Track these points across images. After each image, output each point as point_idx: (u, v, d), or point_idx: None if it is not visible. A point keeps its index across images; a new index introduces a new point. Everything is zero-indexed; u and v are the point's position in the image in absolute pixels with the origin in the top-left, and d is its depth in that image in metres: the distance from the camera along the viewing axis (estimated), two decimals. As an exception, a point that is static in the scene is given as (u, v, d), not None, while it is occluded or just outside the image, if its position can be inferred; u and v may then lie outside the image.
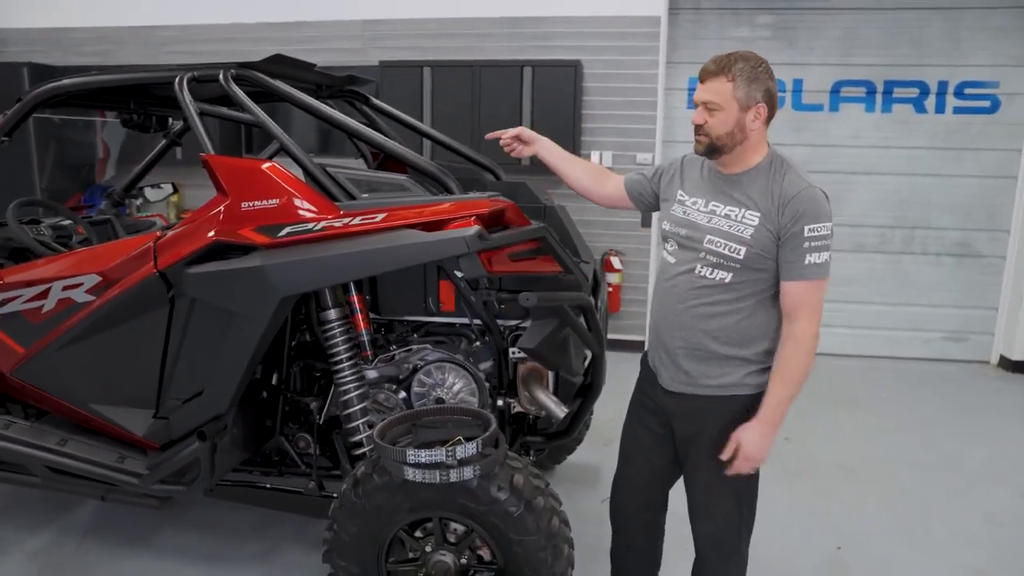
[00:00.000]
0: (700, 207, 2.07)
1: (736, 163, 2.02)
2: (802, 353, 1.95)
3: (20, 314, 2.72)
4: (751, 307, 2.02)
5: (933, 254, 6.04)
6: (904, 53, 5.77)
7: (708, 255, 2.02)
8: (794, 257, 1.93)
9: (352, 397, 2.60)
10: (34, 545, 3.19)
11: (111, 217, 3.70)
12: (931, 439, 4.45)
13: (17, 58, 6.57)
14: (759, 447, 1.99)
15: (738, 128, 1.95)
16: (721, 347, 2.04)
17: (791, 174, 1.97)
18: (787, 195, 1.93)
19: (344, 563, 2.34)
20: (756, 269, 1.98)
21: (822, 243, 1.92)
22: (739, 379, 2.06)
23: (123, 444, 2.78)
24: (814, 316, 1.95)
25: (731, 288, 2.01)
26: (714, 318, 2.03)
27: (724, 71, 1.93)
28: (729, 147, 1.98)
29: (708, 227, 2.02)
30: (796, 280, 1.94)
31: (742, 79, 1.92)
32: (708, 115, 1.96)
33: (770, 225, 1.94)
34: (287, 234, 2.35)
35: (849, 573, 3.05)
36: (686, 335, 2.07)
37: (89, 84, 2.79)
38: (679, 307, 2.08)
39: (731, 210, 2.00)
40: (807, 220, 1.90)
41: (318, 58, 3.28)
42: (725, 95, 1.93)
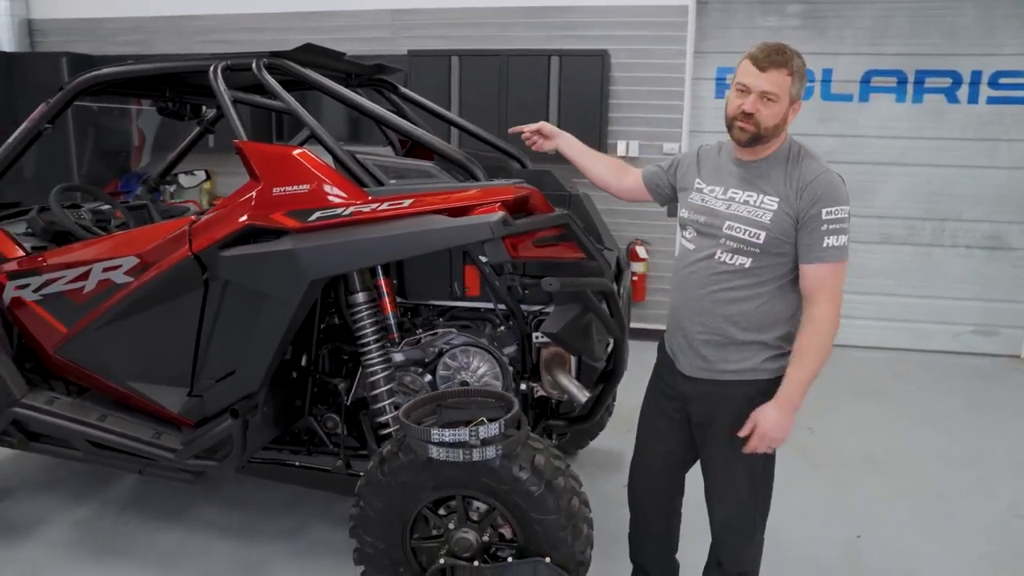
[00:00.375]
0: (718, 194, 2.10)
1: (763, 151, 2.06)
2: (821, 336, 1.97)
3: (63, 295, 2.83)
4: (771, 292, 2.05)
5: (963, 246, 5.96)
6: (936, 42, 5.69)
7: (728, 240, 2.05)
8: (812, 240, 1.95)
9: (379, 379, 2.67)
10: (77, 516, 3.32)
11: (147, 202, 3.82)
12: (956, 432, 4.42)
13: (56, 48, 6.74)
14: (776, 426, 2.01)
15: (783, 121, 2.00)
16: (740, 332, 2.07)
17: (809, 159, 2.01)
18: (805, 179, 1.96)
19: (370, 539, 2.41)
20: (775, 254, 2.01)
21: (840, 226, 1.94)
22: (757, 364, 2.09)
23: (159, 421, 2.88)
24: (833, 299, 1.97)
25: (751, 273, 2.03)
26: (734, 303, 2.06)
27: (787, 64, 1.95)
28: (770, 138, 2.02)
29: (727, 213, 2.05)
30: (815, 263, 1.97)
31: (798, 75, 1.97)
32: (762, 104, 1.96)
33: (789, 209, 1.97)
34: (317, 218, 2.42)
35: (867, 562, 3.06)
36: (706, 320, 2.10)
37: (129, 73, 2.88)
38: (699, 293, 2.11)
39: (750, 196, 2.03)
40: (825, 203, 1.93)
41: (347, 47, 3.34)
42: (784, 87, 1.96)
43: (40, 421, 2.92)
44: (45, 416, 2.92)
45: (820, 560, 3.06)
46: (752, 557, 2.28)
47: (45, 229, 3.06)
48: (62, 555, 3.03)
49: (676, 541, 2.53)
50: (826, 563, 3.04)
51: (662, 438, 2.33)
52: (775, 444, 2.06)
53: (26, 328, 2.97)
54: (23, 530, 3.20)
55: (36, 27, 6.89)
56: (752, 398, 2.08)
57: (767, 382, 2.09)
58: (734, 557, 2.27)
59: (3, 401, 2.95)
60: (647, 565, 2.52)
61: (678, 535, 2.53)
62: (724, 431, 2.14)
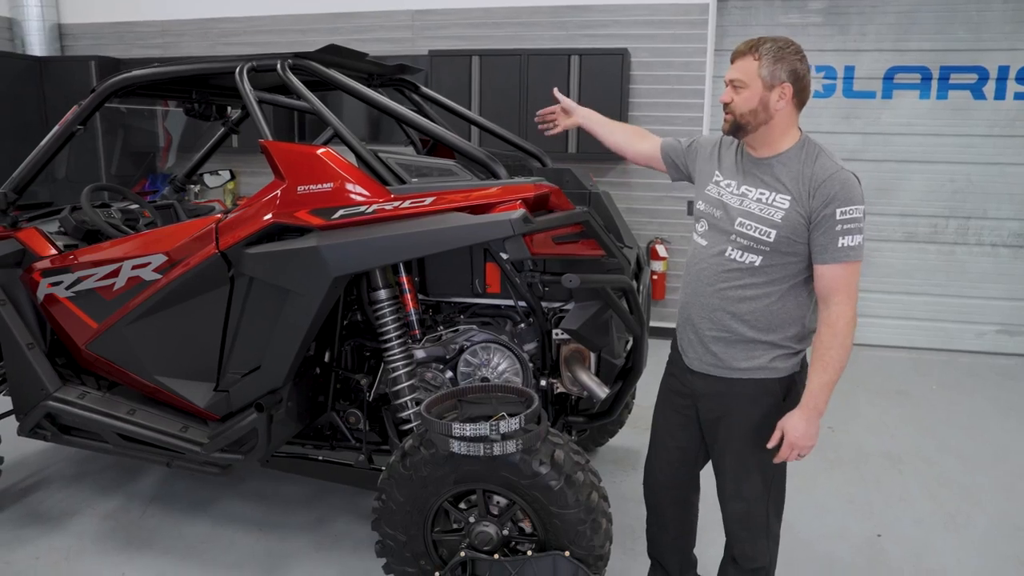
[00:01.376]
0: (732, 190, 2.09)
1: (766, 147, 2.05)
2: (839, 337, 1.96)
3: (94, 291, 2.90)
4: (781, 292, 2.04)
5: (989, 244, 5.89)
6: (961, 38, 5.62)
7: (739, 238, 2.04)
8: (827, 240, 1.94)
9: (401, 375, 2.71)
10: (105, 508, 3.40)
11: (174, 202, 3.89)
12: (979, 432, 4.38)
13: (85, 52, 6.88)
14: (805, 434, 2.01)
15: (762, 107, 1.97)
16: (750, 331, 2.06)
17: (822, 158, 1.99)
18: (818, 178, 1.95)
19: (392, 531, 2.45)
20: (786, 253, 2.00)
21: (854, 226, 1.92)
22: (766, 363, 2.08)
23: (186, 415, 2.95)
24: (850, 299, 1.96)
25: (761, 271, 2.03)
26: (744, 301, 2.05)
27: (752, 51, 1.97)
28: (753, 126, 2.01)
29: (739, 209, 2.05)
30: (829, 264, 1.95)
31: (768, 58, 1.95)
32: (734, 93, 2.01)
33: (801, 209, 1.96)
34: (340, 216, 2.46)
35: (888, 559, 3.05)
36: (715, 317, 2.10)
37: (157, 75, 2.94)
38: (708, 289, 2.11)
39: (762, 193, 2.02)
40: (839, 203, 1.92)
41: (368, 48, 3.40)
42: (750, 73, 1.97)
43: (72, 414, 3.00)
44: (77, 410, 2.99)
45: (840, 558, 3.05)
46: (766, 553, 2.28)
47: (77, 228, 3.14)
48: (91, 545, 3.11)
49: (693, 536, 2.54)
50: (847, 561, 3.04)
51: (674, 434, 2.34)
52: (804, 452, 2.05)
53: (59, 324, 3.04)
54: (55, 520, 3.29)
55: (66, 31, 7.03)
56: (761, 397, 2.09)
57: (776, 381, 2.09)
58: (748, 553, 2.27)
59: (37, 395, 3.03)
60: (664, 560, 2.53)
61: (695, 530, 2.54)
62: (734, 428, 2.14)
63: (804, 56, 1.99)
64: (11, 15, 6.77)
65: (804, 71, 1.98)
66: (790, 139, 2.03)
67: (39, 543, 3.12)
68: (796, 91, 1.98)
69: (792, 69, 1.96)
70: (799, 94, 1.99)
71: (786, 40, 1.98)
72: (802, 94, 2.00)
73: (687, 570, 2.57)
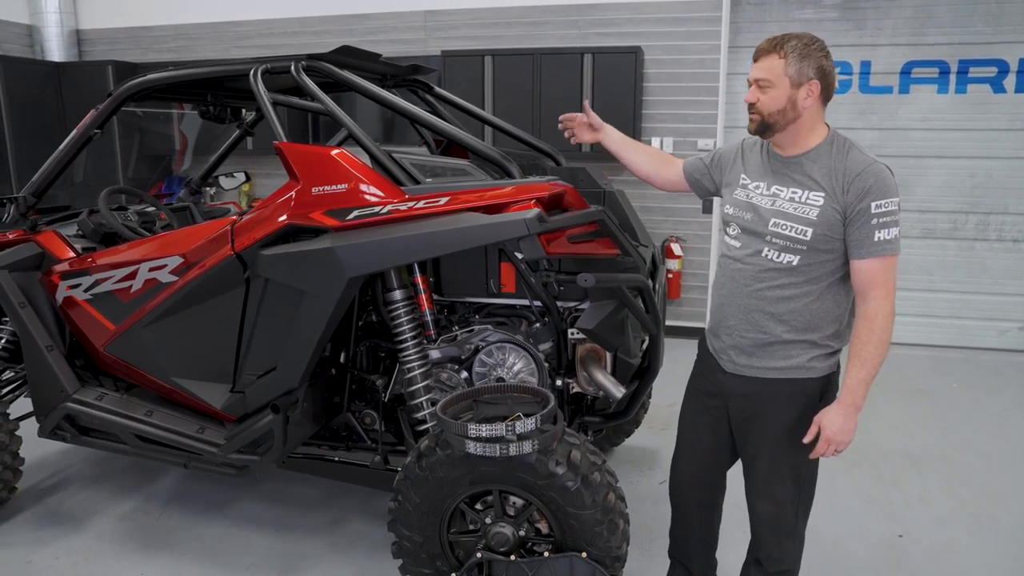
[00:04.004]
0: (763, 191, 2.07)
1: (794, 144, 2.02)
2: (877, 332, 1.93)
3: (112, 294, 2.93)
4: (820, 290, 2.01)
5: (1010, 240, 5.81)
6: (980, 31, 5.55)
7: (775, 238, 2.01)
8: (863, 235, 1.91)
9: (416, 375, 2.71)
10: (124, 508, 3.43)
11: (189, 204, 3.92)
12: (1002, 430, 4.32)
13: (103, 57, 6.95)
14: (842, 429, 1.98)
15: (790, 105, 1.95)
16: (788, 332, 2.03)
17: (854, 152, 1.96)
18: (851, 172, 1.92)
19: (408, 532, 2.45)
20: (823, 251, 1.97)
21: (890, 219, 1.90)
22: (804, 362, 2.05)
23: (203, 416, 2.96)
24: (888, 294, 1.93)
25: (799, 271, 2.00)
26: (782, 301, 2.02)
27: (776, 49, 1.94)
28: (781, 125, 1.98)
29: (772, 210, 2.02)
30: (867, 258, 1.92)
31: (794, 56, 1.92)
32: (760, 93, 1.98)
33: (836, 204, 1.93)
34: (355, 217, 2.46)
35: (909, 559, 3.01)
36: (753, 319, 2.07)
37: (173, 78, 2.96)
38: (746, 291, 2.08)
39: (795, 192, 2.00)
40: (874, 196, 1.89)
41: (381, 49, 3.40)
42: (777, 72, 1.94)
43: (91, 416, 3.02)
44: (95, 411, 3.02)
45: (861, 558, 3.02)
46: (792, 555, 2.25)
47: (94, 231, 3.17)
48: (110, 546, 3.13)
49: (716, 538, 2.51)
50: (868, 562, 3.00)
51: (702, 435, 2.31)
52: (841, 448, 2.01)
53: (77, 326, 3.07)
54: (75, 521, 3.32)
55: (84, 37, 7.10)
56: (797, 397, 2.05)
57: (814, 381, 2.06)
58: (775, 555, 2.23)
59: (57, 397, 3.06)
60: (687, 561, 2.50)
61: (718, 532, 2.51)
62: (768, 429, 2.11)
63: (829, 52, 1.97)
64: (31, 22, 6.85)
65: (830, 67, 1.96)
66: (818, 135, 2.01)
67: (59, 543, 3.14)
68: (823, 87, 1.95)
69: (819, 66, 1.94)
70: (825, 90, 1.97)
71: (811, 36, 1.96)
72: (828, 90, 1.98)
73: (709, 572, 2.54)
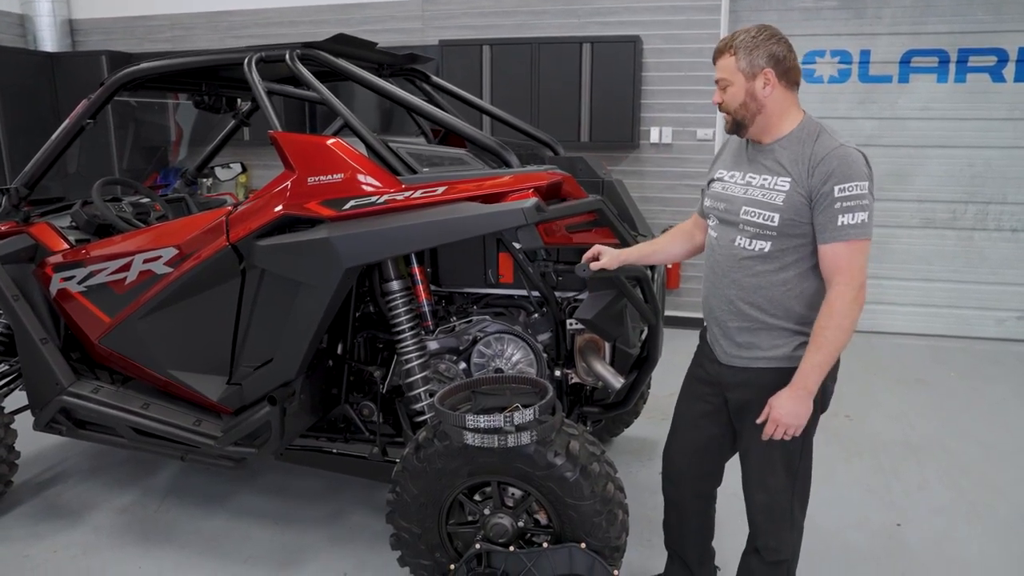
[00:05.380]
0: (737, 180, 2.09)
1: (767, 133, 2.03)
2: (835, 318, 1.90)
3: (106, 285, 2.90)
4: (795, 277, 2.01)
5: (1008, 230, 5.80)
6: (980, 20, 5.52)
7: (746, 226, 2.02)
8: (826, 219, 1.90)
9: (414, 366, 2.69)
10: (122, 502, 3.42)
11: (185, 195, 3.89)
12: (1000, 420, 4.32)
13: (96, 47, 6.89)
14: (790, 413, 1.97)
15: (750, 98, 1.97)
16: (769, 318, 2.04)
17: (823, 137, 1.95)
18: (817, 156, 1.91)
19: (406, 524, 2.44)
20: (793, 236, 1.97)
21: (855, 203, 1.87)
22: (790, 351, 2.05)
23: (200, 408, 2.94)
24: (851, 280, 1.90)
25: (772, 258, 2.01)
26: (759, 290, 2.03)
27: (727, 48, 1.98)
28: (749, 118, 2.00)
29: (744, 198, 2.03)
30: (830, 242, 1.91)
31: (743, 50, 1.95)
32: (723, 93, 2.02)
33: (801, 189, 1.93)
34: (352, 207, 2.44)
35: (908, 548, 3.01)
36: (735, 307, 2.09)
37: (166, 67, 2.93)
38: (725, 280, 2.10)
39: (765, 179, 2.00)
40: (836, 180, 1.87)
41: (378, 38, 3.37)
42: (731, 69, 1.98)
43: (87, 409, 3.01)
44: (91, 404, 3.00)
45: (860, 547, 3.02)
46: (790, 544, 2.24)
47: (88, 222, 3.14)
48: (108, 539, 3.12)
49: (712, 528, 2.51)
50: (866, 551, 3.00)
51: (698, 423, 2.31)
52: (791, 431, 2.00)
53: (72, 319, 3.05)
54: (72, 514, 3.31)
55: (77, 27, 7.04)
56: (784, 385, 2.04)
57: None
58: (772, 545, 2.23)
59: (52, 390, 3.04)
60: (683, 552, 2.50)
61: (714, 522, 2.51)
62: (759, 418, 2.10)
63: (781, 38, 1.97)
64: (23, 11, 6.79)
65: (784, 52, 1.96)
66: (791, 122, 2.01)
67: (56, 537, 3.13)
68: (780, 73, 1.96)
69: (770, 53, 1.95)
70: (784, 75, 1.97)
71: (759, 27, 1.98)
72: (788, 75, 1.98)
73: (706, 561, 2.54)
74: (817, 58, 5.81)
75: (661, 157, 5.99)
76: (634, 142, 5.79)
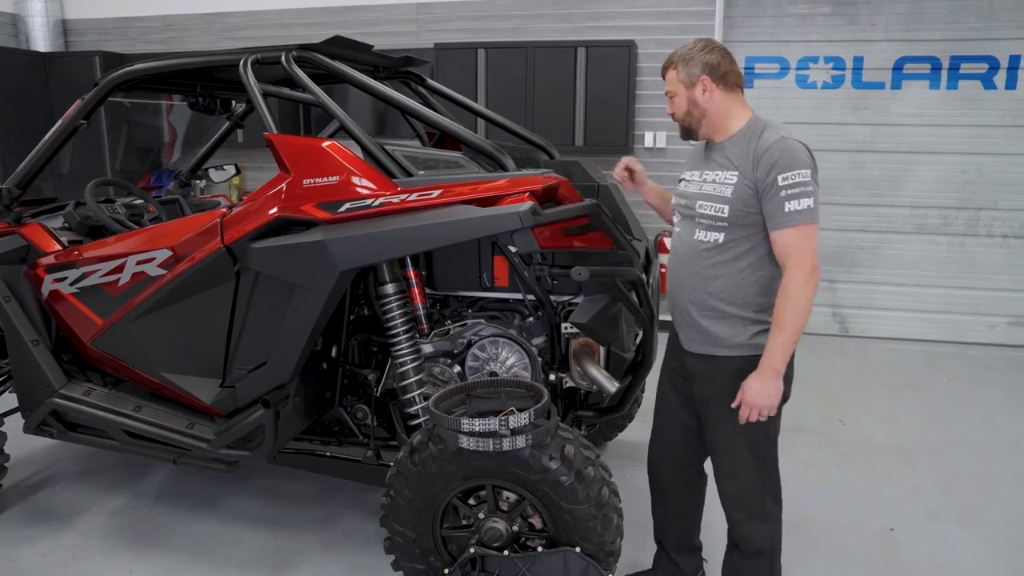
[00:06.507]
0: (695, 177, 2.25)
1: (717, 133, 2.19)
2: (790, 299, 2.01)
3: (99, 287, 2.88)
4: (749, 266, 2.13)
5: (1000, 236, 5.83)
6: (972, 27, 5.56)
7: (701, 219, 2.17)
8: (774, 207, 2.03)
9: (408, 370, 2.68)
10: (113, 505, 3.39)
11: (178, 197, 3.87)
12: (992, 425, 4.34)
13: (90, 47, 6.87)
14: (760, 393, 2.06)
15: (692, 105, 2.17)
16: (727, 306, 2.16)
17: (767, 132, 2.09)
18: (760, 149, 2.05)
19: (400, 528, 2.43)
20: (744, 226, 2.10)
21: (799, 190, 1.99)
22: (747, 340, 2.16)
23: (193, 411, 2.92)
24: (802, 263, 2.01)
25: (726, 248, 2.14)
26: (716, 279, 2.16)
27: (669, 63, 2.19)
28: (695, 123, 2.19)
29: (698, 193, 2.19)
30: (779, 229, 2.03)
31: (680, 64, 2.16)
32: (672, 104, 2.23)
33: (747, 181, 2.07)
34: (347, 210, 2.43)
35: (901, 553, 3.02)
36: (695, 298, 2.22)
37: (160, 68, 2.91)
38: (685, 272, 2.24)
39: (716, 174, 2.16)
40: (779, 170, 2.00)
41: (373, 42, 3.36)
42: (674, 82, 2.19)
43: (78, 411, 2.98)
44: (83, 407, 2.98)
45: (853, 552, 3.02)
46: (765, 536, 2.30)
47: (81, 223, 3.12)
48: (99, 543, 3.10)
49: (695, 519, 2.59)
50: (859, 555, 3.00)
51: (676, 411, 2.42)
52: (764, 412, 2.09)
53: (64, 320, 3.03)
54: (62, 518, 3.28)
55: (70, 27, 7.01)
56: (747, 372, 2.13)
57: (759, 357, 2.12)
58: (746, 536, 2.31)
59: (43, 392, 3.01)
60: (664, 538, 2.61)
61: (699, 514, 2.59)
62: (723, 406, 2.20)
63: (716, 47, 2.15)
64: (15, 11, 6.76)
65: (717, 59, 2.13)
66: (738, 121, 2.16)
67: (46, 541, 3.11)
68: (716, 79, 2.13)
69: (704, 63, 2.13)
70: (722, 80, 2.13)
71: (694, 41, 2.18)
72: (726, 79, 2.14)
73: (685, 551, 2.62)
74: (811, 64, 5.84)
75: (655, 161, 6.01)
76: (628, 146, 5.80)
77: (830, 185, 5.87)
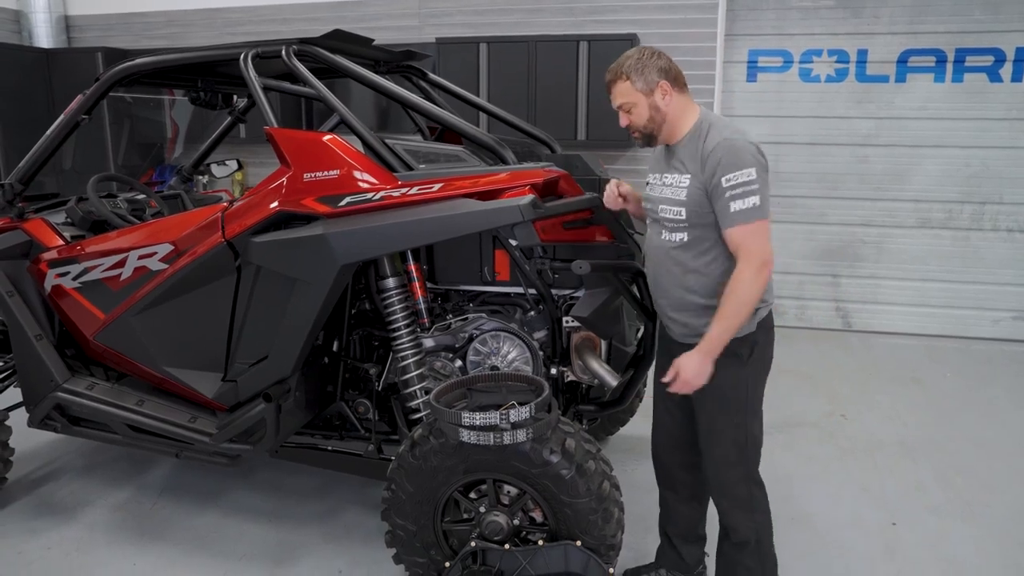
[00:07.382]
0: (657, 181, 2.30)
1: (673, 136, 2.24)
2: (736, 293, 2.07)
3: (101, 282, 2.89)
4: (713, 261, 2.18)
5: (1004, 230, 5.80)
6: (978, 19, 5.52)
7: (665, 222, 2.23)
8: (721, 207, 2.08)
9: (409, 364, 2.68)
10: (116, 499, 3.41)
11: (180, 192, 3.88)
12: (996, 419, 4.32)
13: (92, 43, 6.87)
14: (691, 370, 2.13)
15: (654, 111, 2.20)
16: (700, 299, 2.21)
17: (712, 131, 2.14)
18: (706, 151, 2.10)
19: (401, 522, 2.44)
20: (702, 225, 2.15)
21: (743, 190, 2.04)
22: None
23: (195, 405, 2.93)
24: (750, 258, 2.06)
25: (690, 246, 2.20)
26: (687, 275, 2.22)
27: (619, 75, 2.22)
28: (657, 129, 2.23)
29: (660, 197, 2.25)
30: (728, 228, 2.09)
31: (635, 73, 2.18)
32: (628, 115, 2.24)
33: (698, 183, 2.13)
34: (347, 204, 2.43)
35: (904, 548, 3.01)
36: (671, 294, 2.27)
37: (161, 63, 2.92)
38: (659, 271, 2.29)
39: (674, 177, 2.21)
40: (723, 171, 2.05)
41: (375, 36, 3.35)
42: (629, 92, 2.20)
43: (81, 406, 3.00)
44: (86, 401, 2.99)
45: (855, 546, 3.02)
46: (747, 526, 2.32)
47: (83, 218, 3.13)
48: (102, 536, 3.11)
49: (701, 507, 2.60)
50: (861, 549, 3.00)
51: (672, 397, 2.41)
52: (691, 387, 2.16)
53: (66, 315, 3.04)
54: (67, 511, 3.30)
55: (73, 23, 7.02)
56: (724, 359, 2.16)
57: (737, 342, 2.17)
58: (731, 524, 2.34)
59: (46, 387, 3.02)
60: (667, 526, 2.61)
61: (704, 503, 2.60)
62: (705, 392, 2.21)
63: (660, 53, 2.22)
64: (18, 7, 6.76)
65: (667, 63, 2.20)
66: (688, 121, 2.21)
67: (50, 534, 3.12)
68: (671, 81, 2.18)
69: (658, 68, 2.18)
70: (675, 82, 2.19)
71: (638, 50, 2.23)
72: (678, 81, 2.20)
73: (691, 540, 2.62)
74: (814, 57, 5.81)
75: (658, 156, 5.98)
76: (630, 140, 5.77)
77: (833, 179, 5.85)
